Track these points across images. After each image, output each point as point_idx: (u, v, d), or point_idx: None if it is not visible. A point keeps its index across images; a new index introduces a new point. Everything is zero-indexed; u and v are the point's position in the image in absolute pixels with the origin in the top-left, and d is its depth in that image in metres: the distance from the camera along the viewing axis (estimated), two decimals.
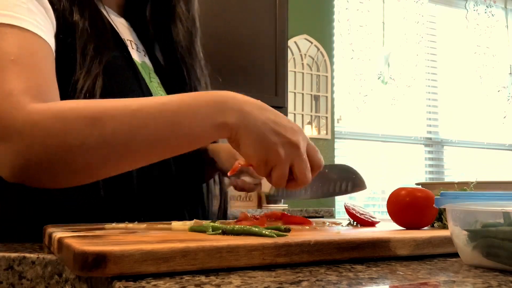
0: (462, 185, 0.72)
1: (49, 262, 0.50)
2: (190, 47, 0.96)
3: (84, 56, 0.74)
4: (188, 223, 0.65)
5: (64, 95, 0.70)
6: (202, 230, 0.55)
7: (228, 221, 0.69)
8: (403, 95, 3.43)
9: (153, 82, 0.90)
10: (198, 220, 0.67)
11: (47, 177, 0.63)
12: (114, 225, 0.64)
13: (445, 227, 0.66)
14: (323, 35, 3.24)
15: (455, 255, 0.50)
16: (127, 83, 0.81)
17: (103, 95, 0.72)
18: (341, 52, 3.30)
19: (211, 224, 0.57)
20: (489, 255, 0.44)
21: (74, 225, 0.65)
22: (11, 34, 0.66)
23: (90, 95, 0.72)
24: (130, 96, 0.72)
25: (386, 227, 0.69)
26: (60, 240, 0.47)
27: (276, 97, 2.65)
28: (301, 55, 3.14)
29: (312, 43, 3.18)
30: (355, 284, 0.38)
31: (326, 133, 3.19)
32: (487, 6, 3.78)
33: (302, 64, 3.15)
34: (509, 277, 0.41)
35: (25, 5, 0.69)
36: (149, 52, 0.96)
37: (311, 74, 3.18)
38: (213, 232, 0.53)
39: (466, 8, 3.73)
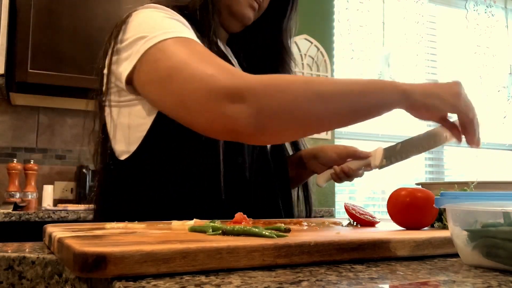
0: (462, 185, 0.72)
1: (49, 262, 0.50)
2: None
3: None
4: (188, 223, 0.65)
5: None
6: (202, 231, 0.55)
7: (227, 221, 0.69)
8: None
9: None
10: (198, 220, 0.67)
11: (276, 128, 0.72)
12: (114, 224, 0.64)
13: (445, 227, 0.66)
14: (323, 35, 3.24)
15: (455, 255, 0.50)
16: None
17: None
18: (341, 52, 3.30)
19: (211, 224, 0.57)
20: (489, 255, 0.44)
21: (74, 225, 0.65)
22: (189, 43, 0.78)
23: None
24: None
25: (386, 227, 0.69)
26: (60, 241, 0.47)
27: None
28: (301, 55, 3.14)
29: (312, 43, 3.17)
30: (355, 284, 0.38)
31: (326, 133, 3.19)
32: (487, 6, 3.78)
33: (302, 64, 3.15)
34: (509, 277, 0.41)
35: (187, 28, 0.83)
36: None
37: (311, 74, 3.18)
38: (213, 233, 0.53)
39: (466, 8, 3.73)
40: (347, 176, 1.07)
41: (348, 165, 1.07)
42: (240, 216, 0.67)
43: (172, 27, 0.80)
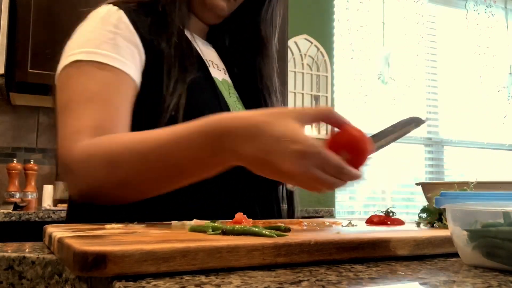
0: (462, 185, 0.72)
1: (49, 262, 0.50)
2: (270, 75, 1.06)
3: (169, 78, 0.83)
4: (188, 223, 0.65)
5: (155, 114, 0.80)
6: (202, 230, 0.55)
7: (227, 221, 0.69)
8: (403, 95, 3.43)
9: (232, 97, 0.98)
10: (198, 220, 0.67)
11: (102, 200, 0.74)
12: (114, 225, 0.64)
13: (445, 227, 0.66)
14: (323, 35, 3.24)
15: (455, 255, 0.50)
16: (207, 99, 0.89)
17: (186, 112, 0.81)
18: (341, 52, 3.30)
19: (211, 224, 0.57)
20: (489, 255, 0.44)
21: (74, 225, 0.65)
22: (93, 71, 0.77)
23: (175, 112, 0.81)
24: (209, 110, 0.78)
25: (386, 227, 0.69)
26: (60, 240, 0.47)
27: None
28: (301, 55, 3.14)
29: (312, 43, 3.17)
30: (355, 284, 0.38)
31: (326, 133, 3.19)
32: (487, 6, 3.78)
33: (302, 64, 3.15)
34: (509, 277, 0.41)
35: (112, 41, 0.80)
36: (229, 69, 1.04)
37: (311, 74, 3.18)
38: (213, 232, 0.53)
39: (466, 8, 3.73)
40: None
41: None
42: (240, 216, 0.67)
43: (97, 45, 0.79)
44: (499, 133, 3.83)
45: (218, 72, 0.99)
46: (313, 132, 3.14)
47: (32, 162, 2.35)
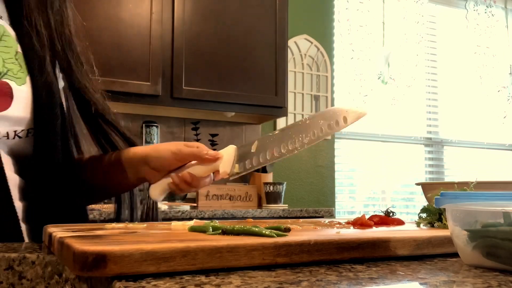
0: (462, 185, 0.72)
1: (49, 262, 0.50)
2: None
3: None
4: (188, 223, 0.65)
5: None
6: (202, 230, 0.55)
7: (228, 221, 0.69)
8: (403, 95, 3.43)
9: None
10: (198, 220, 0.67)
11: None
12: (114, 225, 0.64)
13: (445, 227, 0.66)
14: (323, 35, 3.24)
15: (455, 255, 0.50)
16: None
17: None
18: (341, 52, 3.30)
19: (211, 224, 0.57)
20: (489, 255, 0.44)
21: (74, 225, 0.65)
22: None
23: None
24: None
25: (385, 227, 0.69)
26: (60, 240, 0.47)
27: (276, 97, 2.65)
28: (301, 55, 3.14)
29: (312, 43, 3.18)
30: (355, 284, 0.38)
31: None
32: (487, 6, 3.78)
33: (302, 64, 3.15)
34: (509, 277, 0.41)
35: None
36: (21, 22, 0.83)
37: (311, 74, 3.18)
38: (213, 232, 0.53)
39: (466, 8, 3.73)
40: (190, 186, 0.83)
41: (190, 172, 0.82)
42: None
43: None
44: (499, 133, 3.84)
45: None
46: None
47: None
